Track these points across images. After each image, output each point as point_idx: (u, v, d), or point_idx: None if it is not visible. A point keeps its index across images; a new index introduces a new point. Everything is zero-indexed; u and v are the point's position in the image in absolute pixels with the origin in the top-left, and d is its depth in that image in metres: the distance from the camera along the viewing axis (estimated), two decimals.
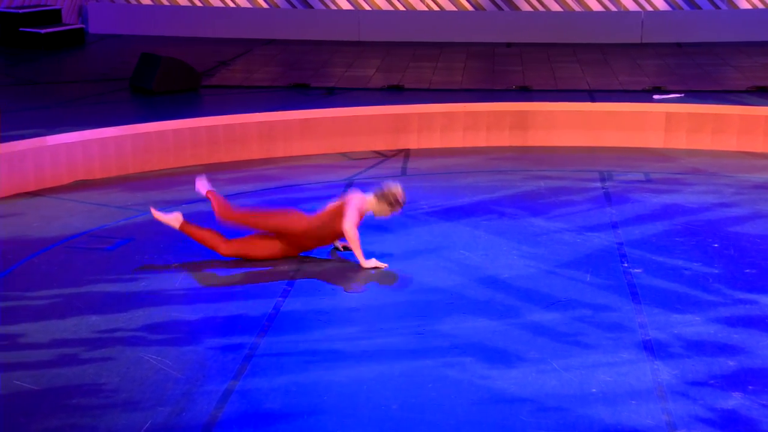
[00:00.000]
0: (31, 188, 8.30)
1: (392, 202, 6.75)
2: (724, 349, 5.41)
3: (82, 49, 14.26)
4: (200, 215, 7.72)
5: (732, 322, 5.76)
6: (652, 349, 5.41)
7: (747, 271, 6.57)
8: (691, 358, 5.30)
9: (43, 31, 13.98)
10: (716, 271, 6.56)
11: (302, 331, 5.65)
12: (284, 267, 6.62)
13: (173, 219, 6.81)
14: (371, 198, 6.76)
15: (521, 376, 5.11)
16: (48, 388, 4.96)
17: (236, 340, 5.52)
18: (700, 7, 15.04)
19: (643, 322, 5.76)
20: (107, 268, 6.60)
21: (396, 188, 6.78)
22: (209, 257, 6.85)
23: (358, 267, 6.62)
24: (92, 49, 14.27)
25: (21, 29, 13.97)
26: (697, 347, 5.43)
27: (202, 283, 6.40)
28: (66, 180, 8.54)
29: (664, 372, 5.14)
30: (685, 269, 6.60)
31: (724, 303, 6.04)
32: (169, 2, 15.76)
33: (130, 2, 15.85)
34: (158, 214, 6.85)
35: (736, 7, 15.00)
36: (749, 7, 14.97)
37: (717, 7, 15.03)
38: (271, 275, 6.51)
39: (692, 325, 5.73)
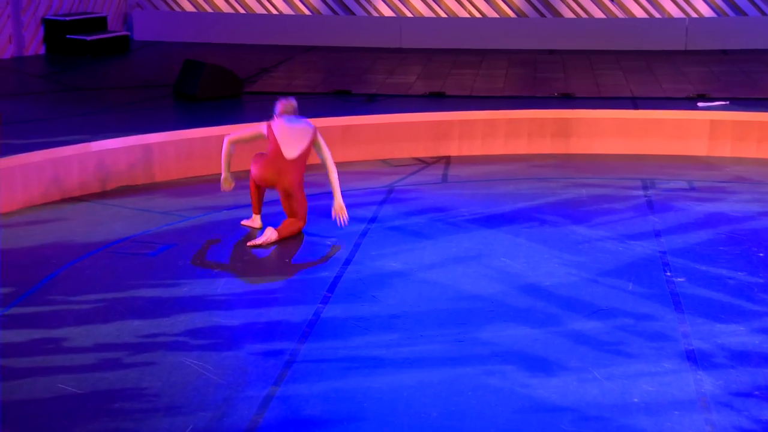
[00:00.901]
0: (76, 193, 8.38)
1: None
2: None
3: (127, 55, 14.40)
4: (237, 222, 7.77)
5: None
6: (696, 359, 5.36)
7: None
8: (736, 369, 5.24)
9: (89, 38, 14.13)
10: (761, 281, 6.48)
11: (342, 338, 5.65)
12: (325, 273, 6.64)
13: (269, 236, 7.20)
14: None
15: (562, 384, 5.08)
16: (91, 391, 5.00)
17: (277, 345, 5.53)
18: (746, 13, 14.89)
19: (686, 332, 5.71)
20: (150, 273, 6.65)
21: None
22: (250, 263, 6.89)
23: (400, 274, 6.62)
24: (137, 56, 14.40)
25: (68, 36, 14.14)
26: (742, 358, 5.37)
27: (243, 289, 6.43)
28: (110, 185, 8.62)
29: (708, 382, 5.09)
30: (729, 278, 6.53)
31: None
32: (212, 9, 15.88)
33: (173, 10, 15.99)
34: (253, 242, 7.22)
35: None
36: None
37: (763, 13, 14.86)
38: (312, 281, 6.53)
39: (736, 335, 5.66)
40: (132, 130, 9.20)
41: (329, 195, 7.72)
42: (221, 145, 9.14)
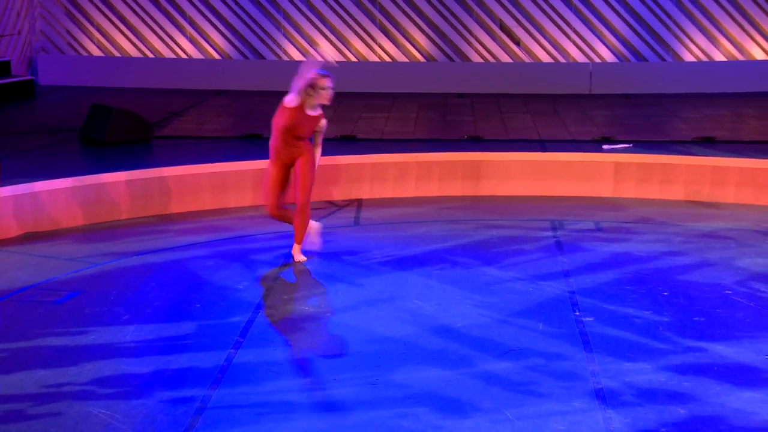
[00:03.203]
0: None
1: (313, 87, 7.56)
2: (675, 396, 5.44)
3: (33, 100, 14.18)
4: (154, 267, 7.67)
5: (682, 369, 5.81)
6: (604, 397, 5.44)
7: (696, 319, 6.64)
8: (643, 406, 5.33)
9: None
10: (666, 319, 6.62)
11: (254, 383, 5.60)
12: (237, 318, 6.59)
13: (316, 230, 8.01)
14: (295, 96, 7.57)
15: (475, 426, 5.11)
16: None
17: (187, 392, 5.46)
18: (646, 59, 15.33)
19: (595, 371, 5.79)
20: (56, 322, 6.51)
21: (314, 76, 7.60)
22: (160, 309, 6.80)
23: (312, 318, 6.60)
24: (42, 101, 14.19)
25: None
26: (649, 395, 5.47)
27: (153, 335, 6.34)
28: (15, 232, 8.45)
29: (617, 420, 5.17)
30: (636, 317, 6.65)
31: (675, 351, 6.09)
32: (120, 53, 15.75)
33: (80, 54, 15.81)
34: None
35: (681, 59, 15.31)
36: (693, 59, 15.29)
37: (663, 59, 15.32)
38: (223, 326, 6.46)
39: (643, 373, 5.76)
40: (38, 176, 9.04)
41: (237, 239, 7.66)
42: (130, 190, 9.06)
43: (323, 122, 7.82)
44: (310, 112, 7.69)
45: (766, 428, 5.08)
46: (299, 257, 7.80)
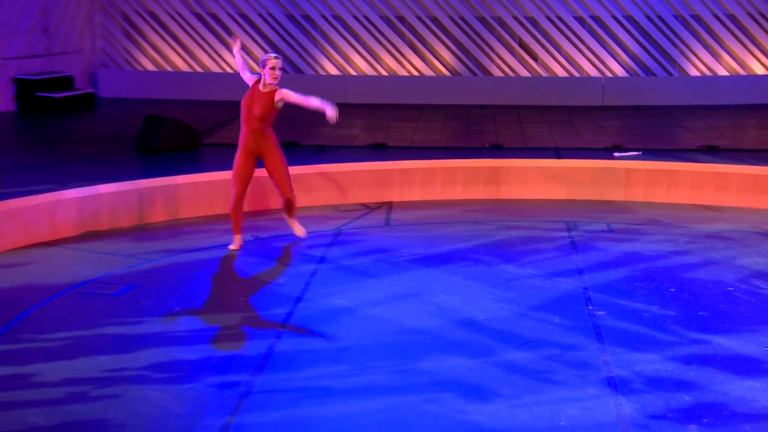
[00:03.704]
0: (46, 239, 8.27)
1: (263, 66, 7.81)
2: (681, 385, 5.42)
3: (93, 111, 14.30)
4: (203, 263, 7.72)
5: (688, 360, 5.77)
6: (615, 385, 5.42)
7: (700, 313, 6.60)
8: (651, 394, 5.30)
9: (56, 95, 14.02)
10: (673, 314, 6.58)
11: (294, 370, 5.63)
12: (278, 310, 6.62)
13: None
14: (256, 77, 7.90)
15: (496, 410, 5.10)
16: (60, 423, 4.92)
17: (233, 378, 5.49)
18: (654, 74, 15.23)
19: (607, 361, 5.77)
20: (114, 312, 6.57)
21: (266, 56, 7.88)
22: (208, 301, 6.84)
23: (346, 310, 6.62)
24: (102, 112, 14.31)
25: (36, 93, 14.00)
26: (656, 383, 5.44)
27: (202, 325, 6.38)
28: (77, 231, 8.53)
29: (627, 406, 5.15)
30: (645, 312, 6.62)
31: (680, 343, 6.06)
32: (172, 68, 15.85)
33: (136, 69, 15.93)
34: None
35: (686, 73, 15.20)
36: (698, 74, 15.18)
37: (670, 73, 15.22)
38: (265, 318, 6.50)
39: (651, 363, 5.74)
40: (98, 180, 9.13)
41: (278, 238, 7.71)
42: (180, 193, 9.12)
43: (283, 91, 7.91)
44: (263, 90, 7.83)
45: (766, 414, 5.04)
46: (300, 231, 8.20)
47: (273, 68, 7.81)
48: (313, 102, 7.88)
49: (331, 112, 7.79)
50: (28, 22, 14.39)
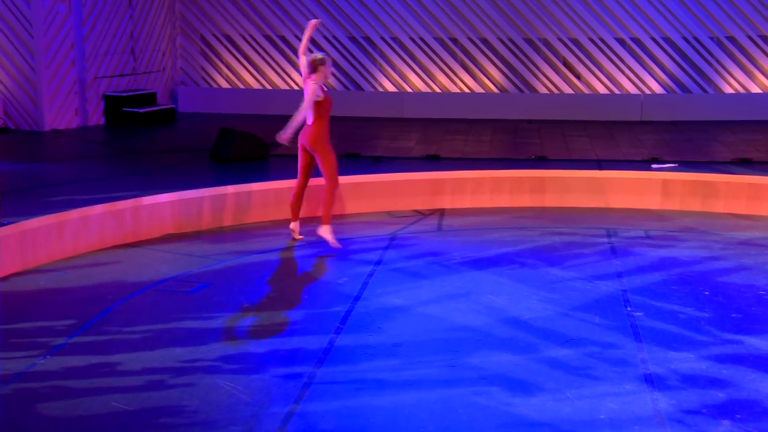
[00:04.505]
0: (129, 240, 8.39)
1: (319, 64, 7.82)
2: (715, 382, 5.30)
3: (173, 125, 14.50)
4: (270, 263, 7.76)
5: (721, 359, 5.65)
6: (652, 381, 5.32)
7: (734, 315, 6.46)
8: (686, 390, 5.20)
9: (141, 110, 14.24)
10: (707, 315, 6.45)
11: (352, 363, 5.62)
12: (338, 308, 6.62)
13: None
14: (312, 83, 7.84)
15: (540, 403, 5.04)
16: (139, 408, 4.97)
17: (297, 369, 5.51)
18: (691, 91, 14.98)
19: (644, 359, 5.67)
20: (189, 308, 6.64)
21: (316, 55, 7.90)
22: (275, 299, 6.87)
23: (401, 309, 6.60)
24: (181, 125, 14.50)
25: (123, 109, 14.25)
26: (691, 381, 5.33)
27: (269, 321, 6.42)
28: (158, 233, 8.64)
29: (663, 402, 5.05)
30: (680, 313, 6.50)
31: (714, 343, 5.94)
32: (244, 86, 16.00)
33: (212, 86, 16.12)
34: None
35: (721, 91, 14.92)
36: (732, 91, 14.89)
37: (705, 91, 14.95)
38: (326, 314, 6.51)
39: (687, 361, 5.63)
40: (176, 187, 9.24)
41: (339, 241, 7.70)
42: (251, 200, 9.21)
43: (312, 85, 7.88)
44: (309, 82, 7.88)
45: None
46: (326, 236, 8.09)
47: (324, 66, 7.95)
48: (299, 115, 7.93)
49: (283, 134, 7.89)
50: (118, 45, 14.65)
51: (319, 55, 7.97)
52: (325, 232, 8.05)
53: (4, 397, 5.09)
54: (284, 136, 7.81)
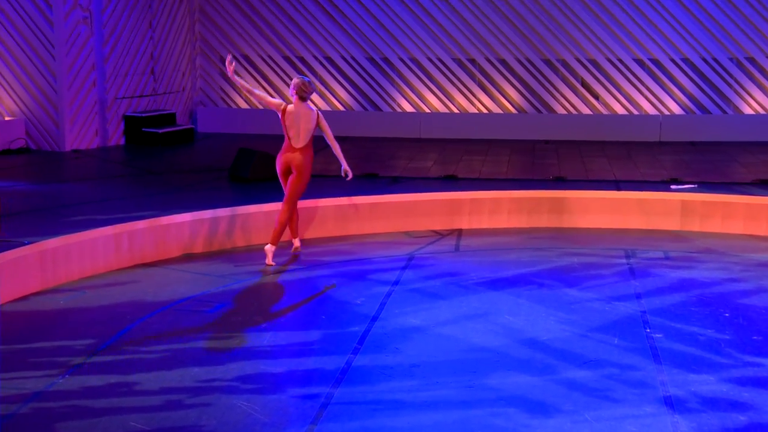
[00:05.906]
0: (148, 260, 8.43)
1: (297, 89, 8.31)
2: (736, 405, 5.25)
3: (192, 145, 14.58)
4: (287, 283, 7.77)
5: (742, 382, 5.60)
6: (672, 404, 5.27)
7: (754, 337, 6.40)
8: (707, 413, 5.15)
9: (160, 130, 14.34)
10: (727, 337, 6.40)
11: (370, 384, 5.61)
12: (355, 328, 6.62)
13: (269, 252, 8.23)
14: (315, 111, 8.48)
15: (558, 425, 5.01)
16: (157, 428, 4.98)
17: (314, 390, 5.50)
18: (710, 112, 14.92)
19: (664, 380, 5.62)
20: (207, 328, 6.65)
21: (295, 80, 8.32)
22: (292, 318, 6.87)
23: (418, 329, 6.58)
24: (200, 145, 14.58)
25: (143, 129, 14.35)
26: (712, 403, 5.28)
27: (286, 341, 6.42)
28: (176, 253, 8.67)
29: (683, 425, 5.00)
30: (700, 335, 6.45)
31: (735, 365, 5.88)
32: (262, 106, 16.07)
33: (230, 107, 16.22)
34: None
35: (741, 112, 14.86)
36: (752, 112, 14.83)
37: (724, 111, 14.90)
38: (344, 335, 6.50)
39: (707, 384, 5.58)
40: (195, 207, 9.28)
41: (356, 261, 7.69)
42: (268, 220, 9.21)
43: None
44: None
45: None
46: (267, 253, 8.25)
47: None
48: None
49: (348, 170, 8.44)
50: (138, 66, 14.78)
51: (297, 80, 8.36)
52: (269, 249, 8.22)
53: (23, 416, 5.11)
54: (348, 170, 8.59)
